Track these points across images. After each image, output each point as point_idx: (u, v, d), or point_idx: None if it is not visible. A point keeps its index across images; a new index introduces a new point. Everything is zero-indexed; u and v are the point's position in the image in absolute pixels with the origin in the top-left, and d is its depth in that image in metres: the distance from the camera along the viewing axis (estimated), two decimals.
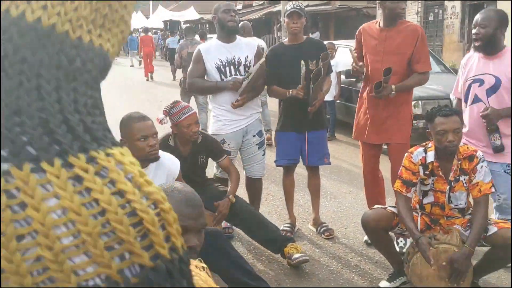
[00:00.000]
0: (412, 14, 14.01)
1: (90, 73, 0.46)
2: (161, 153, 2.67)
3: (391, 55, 3.32)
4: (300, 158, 3.76)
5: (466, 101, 3.17)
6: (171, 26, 27.58)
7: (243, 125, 3.57)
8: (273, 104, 6.81)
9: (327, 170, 5.47)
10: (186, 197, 1.49)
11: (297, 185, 4.64)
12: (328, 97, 7.25)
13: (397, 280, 2.96)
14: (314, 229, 3.86)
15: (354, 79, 6.56)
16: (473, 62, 3.15)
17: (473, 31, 3.07)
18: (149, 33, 18.73)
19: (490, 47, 3.01)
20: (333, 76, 6.87)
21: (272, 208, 4.40)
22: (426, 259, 2.60)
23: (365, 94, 3.53)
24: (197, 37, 8.47)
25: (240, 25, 3.66)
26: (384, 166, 3.75)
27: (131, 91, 12.97)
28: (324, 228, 3.79)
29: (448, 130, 2.64)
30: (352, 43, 7.26)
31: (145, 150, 2.46)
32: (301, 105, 3.49)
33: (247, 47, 3.55)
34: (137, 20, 28.54)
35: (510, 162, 3.03)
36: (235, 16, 3.52)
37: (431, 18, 14.10)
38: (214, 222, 3.22)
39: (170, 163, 2.70)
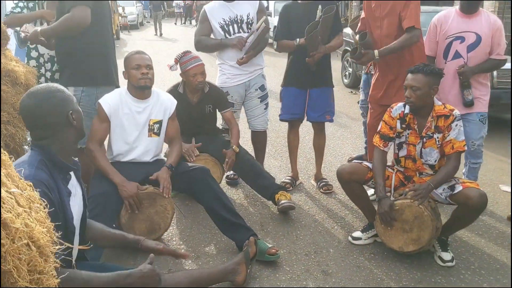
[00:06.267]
0: None
1: None
2: (161, 92, 3.10)
3: (386, 18, 3.30)
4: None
5: (445, 58, 3.36)
6: None
7: (246, 79, 3.81)
8: None
9: (357, 133, 5.59)
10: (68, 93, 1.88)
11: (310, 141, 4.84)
12: None
13: (369, 231, 3.13)
14: (315, 184, 4.07)
15: None
16: (451, 21, 3.32)
17: None
18: None
19: (473, 6, 3.26)
20: None
21: (282, 163, 4.64)
22: (384, 221, 2.78)
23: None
24: None
25: None
26: None
27: None
28: (323, 183, 3.99)
29: (407, 85, 2.82)
30: None
31: (136, 77, 2.88)
32: (305, 61, 3.62)
33: (248, 4, 3.73)
34: None
35: (484, 111, 3.33)
36: None
37: None
38: (226, 167, 3.54)
39: (168, 101, 3.10)
